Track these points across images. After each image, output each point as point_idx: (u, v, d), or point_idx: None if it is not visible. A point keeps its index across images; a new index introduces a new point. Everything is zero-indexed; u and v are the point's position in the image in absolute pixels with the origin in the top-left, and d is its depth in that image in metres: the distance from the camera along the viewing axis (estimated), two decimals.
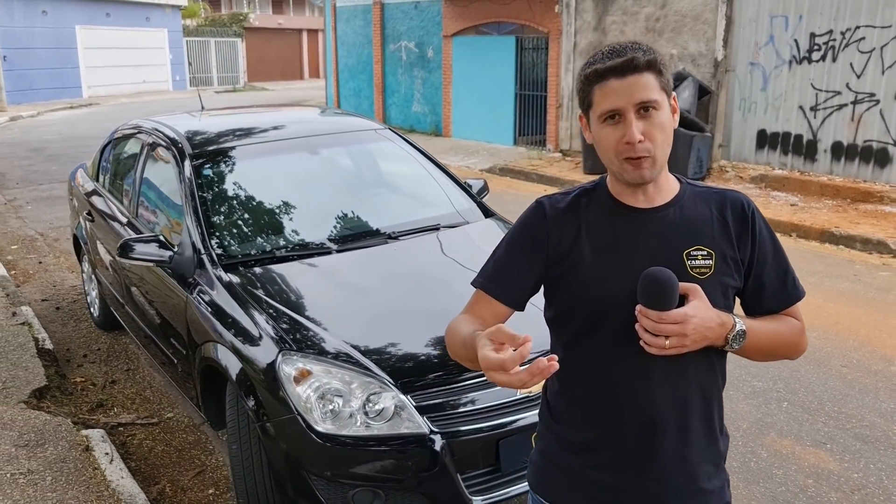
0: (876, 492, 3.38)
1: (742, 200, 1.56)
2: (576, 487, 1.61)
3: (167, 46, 30.66)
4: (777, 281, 1.56)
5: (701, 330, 1.41)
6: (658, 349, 1.41)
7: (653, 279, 1.40)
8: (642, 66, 1.44)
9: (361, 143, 4.58)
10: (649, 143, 1.45)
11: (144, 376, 4.66)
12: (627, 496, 1.57)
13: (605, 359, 1.53)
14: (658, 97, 1.45)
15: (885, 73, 8.69)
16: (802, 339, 1.61)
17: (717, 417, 1.58)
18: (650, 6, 11.12)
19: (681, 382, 1.51)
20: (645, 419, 1.52)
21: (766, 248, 1.55)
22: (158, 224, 4.19)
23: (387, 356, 2.86)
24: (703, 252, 1.50)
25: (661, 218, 1.53)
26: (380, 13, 16.71)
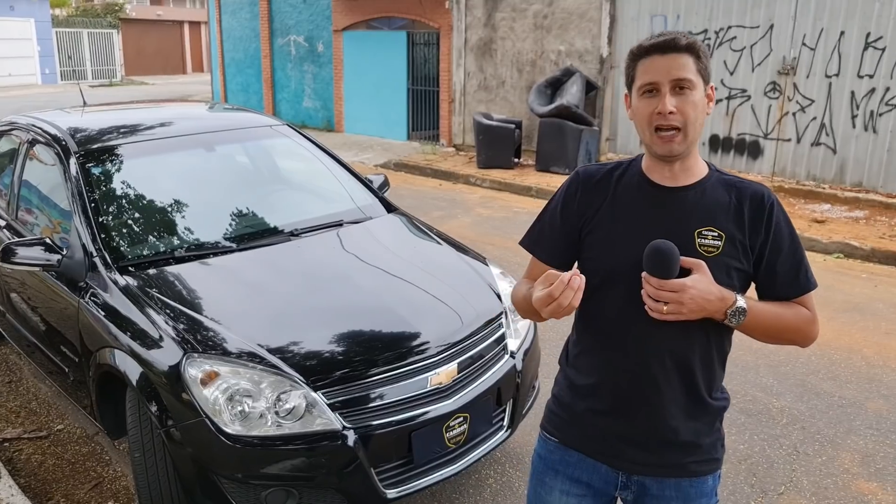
0: (760, 461, 3.63)
1: (763, 192, 1.68)
2: (576, 426, 1.83)
3: (35, 37, 28.84)
4: (790, 271, 1.68)
5: (699, 301, 1.56)
6: (657, 313, 1.57)
7: (655, 250, 1.55)
8: (682, 47, 1.60)
9: (258, 139, 4.49)
10: (681, 116, 1.60)
11: (29, 388, 4.39)
12: (617, 439, 1.76)
13: (613, 315, 1.71)
14: (693, 78, 1.60)
15: (755, 71, 9.29)
16: (811, 328, 1.73)
17: (707, 382, 1.72)
18: (538, 3, 11.40)
19: (676, 346, 1.67)
20: (640, 374, 1.70)
21: (783, 240, 1.67)
22: (40, 226, 3.96)
23: (295, 354, 2.83)
24: (714, 233, 1.64)
25: (681, 197, 1.68)
26: (267, 6, 16.33)
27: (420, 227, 4.08)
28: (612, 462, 1.78)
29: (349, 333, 3.01)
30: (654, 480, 1.77)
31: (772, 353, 4.80)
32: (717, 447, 1.79)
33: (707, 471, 1.78)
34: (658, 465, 1.75)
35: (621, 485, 1.79)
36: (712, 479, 1.81)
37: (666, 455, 1.74)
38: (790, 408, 4.13)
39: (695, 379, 1.70)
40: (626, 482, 1.79)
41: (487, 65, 12.33)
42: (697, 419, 1.73)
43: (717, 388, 1.77)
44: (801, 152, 9.13)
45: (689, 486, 1.77)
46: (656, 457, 1.75)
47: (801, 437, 3.84)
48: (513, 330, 3.33)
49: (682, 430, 1.72)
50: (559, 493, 1.84)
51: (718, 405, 1.77)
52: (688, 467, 1.76)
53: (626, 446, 1.75)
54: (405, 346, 2.93)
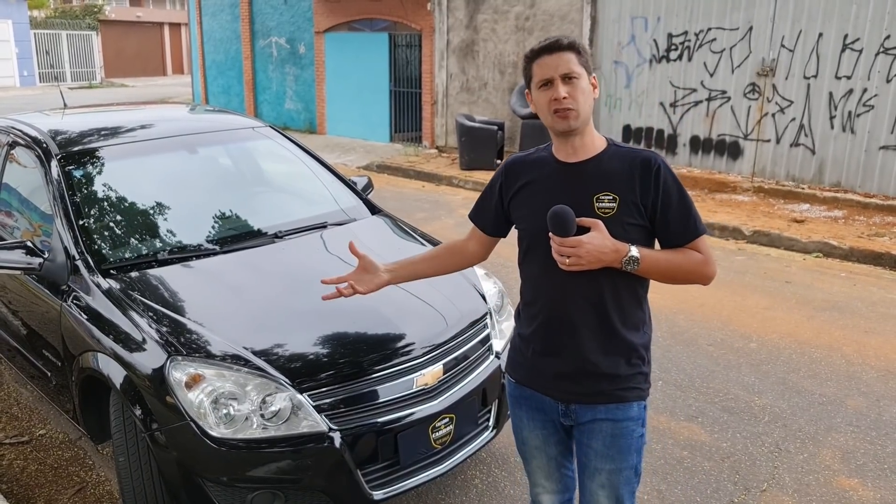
0: (743, 458, 3.66)
1: (650, 157, 1.98)
2: (524, 366, 2.20)
3: (12, 39, 28.51)
4: (680, 221, 1.99)
5: (594, 253, 1.89)
6: (563, 265, 1.91)
7: (553, 213, 1.89)
8: (565, 46, 1.96)
9: (240, 141, 4.47)
10: (572, 100, 1.94)
11: (10, 392, 4.35)
12: (552, 375, 2.11)
13: (538, 271, 2.07)
14: (578, 70, 1.95)
15: (734, 72, 9.38)
16: (706, 268, 2.02)
17: (620, 320, 2.03)
18: (520, 5, 11.44)
19: (588, 292, 2.00)
20: (561, 318, 2.05)
21: (671, 196, 1.97)
22: (20, 229, 3.92)
23: (280, 356, 2.82)
24: (609, 197, 1.96)
25: (581, 169, 2.01)
26: (248, 8, 16.27)
27: (404, 228, 4.09)
28: (551, 394, 2.13)
29: (334, 335, 3.01)
30: (586, 407, 2.08)
31: (753, 351, 4.85)
32: (637, 379, 2.08)
33: (630, 398, 2.07)
34: (585, 394, 2.07)
35: (562, 412, 2.13)
36: (637, 407, 2.09)
37: (591, 385, 2.05)
38: (771, 406, 4.18)
39: (608, 319, 2.01)
40: (566, 410, 2.12)
41: (470, 66, 12.35)
42: (614, 354, 2.04)
43: (634, 327, 2.06)
44: (780, 153, 9.22)
45: (616, 409, 2.07)
46: (583, 387, 2.06)
47: (782, 435, 3.88)
48: (497, 331, 3.34)
49: (601, 364, 2.03)
50: (527, 420, 2.23)
51: (637, 341, 2.06)
52: (611, 394, 2.06)
53: (559, 380, 2.09)
54: (390, 348, 2.94)
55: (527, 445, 2.26)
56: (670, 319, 5.36)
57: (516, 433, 2.30)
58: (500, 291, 3.57)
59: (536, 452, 2.25)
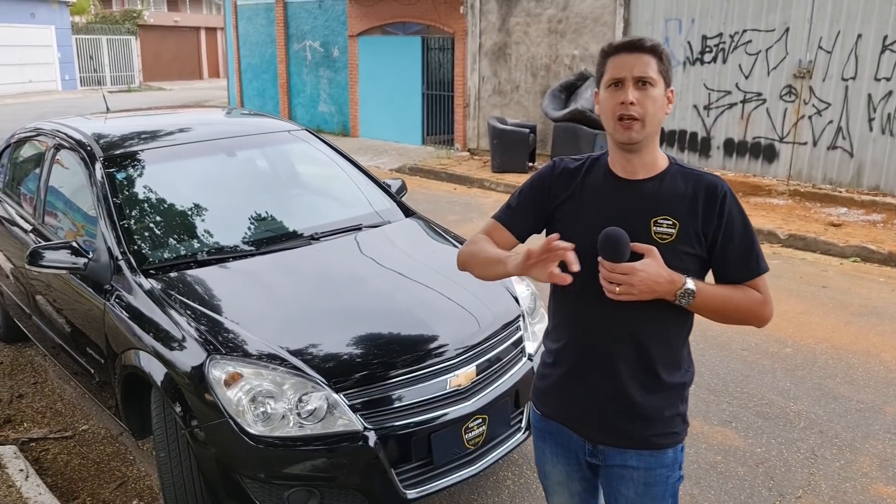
0: (777, 464, 3.64)
1: (717, 183, 1.81)
2: (551, 397, 2.00)
3: (55, 44, 29.17)
4: (741, 256, 1.81)
5: (648, 283, 1.69)
6: (612, 294, 1.71)
7: (606, 236, 1.69)
8: (647, 48, 1.78)
9: (277, 144, 4.54)
10: (641, 108, 1.75)
11: (54, 388, 4.47)
12: (582, 410, 1.92)
13: (577, 295, 1.83)
14: (655, 76, 1.76)
15: (770, 74, 9.26)
16: (763, 309, 1.84)
17: (664, 359, 1.85)
18: (552, 8, 11.43)
19: (634, 324, 1.81)
20: (600, 350, 1.85)
21: (734, 228, 1.80)
22: (65, 229, 4.03)
23: (316, 356, 2.87)
24: (669, 221, 1.78)
25: (640, 188, 1.83)
26: (283, 12, 16.46)
27: (437, 230, 4.13)
28: (579, 431, 1.95)
29: (368, 336, 3.06)
30: (616, 450, 1.90)
31: (788, 356, 4.80)
32: (676, 422, 1.89)
33: (666, 444, 1.89)
34: (618, 436, 1.89)
35: (589, 452, 1.95)
36: (673, 452, 1.91)
37: (625, 427, 1.87)
38: (807, 412, 4.13)
39: (651, 355, 1.83)
40: (593, 450, 1.94)
41: (502, 69, 12.37)
42: (655, 394, 1.85)
43: (677, 366, 1.88)
44: (817, 156, 9.09)
45: (650, 457, 1.88)
46: (615, 428, 1.88)
47: (818, 441, 3.84)
48: (530, 333, 3.36)
49: (639, 404, 1.84)
50: (550, 454, 2.06)
51: (677, 381, 1.88)
52: (647, 440, 1.87)
53: (589, 418, 1.91)
54: (424, 349, 2.97)
55: (549, 479, 2.12)
56: (703, 323, 5.26)
57: (539, 465, 2.15)
58: (533, 294, 3.59)
59: (559, 488, 2.09)
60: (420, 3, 13.34)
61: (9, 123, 11.09)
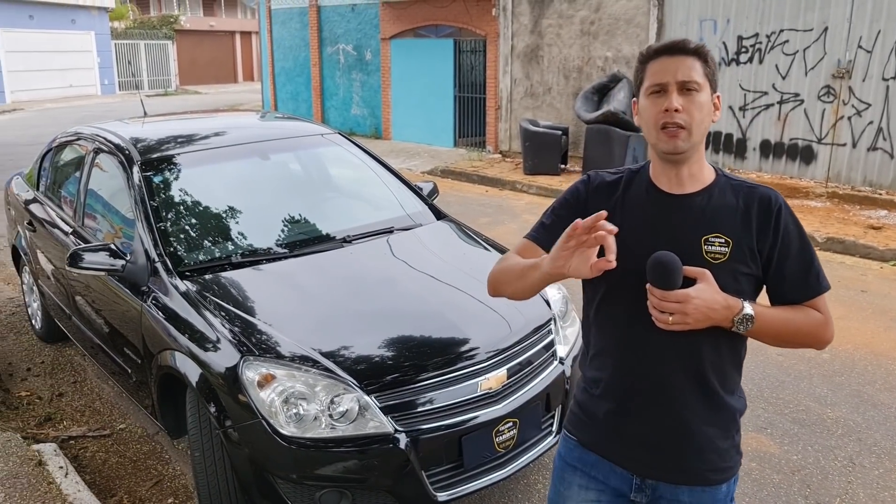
0: (814, 472, 3.57)
1: (771, 196, 1.67)
2: (593, 427, 1.83)
3: (94, 49, 29.76)
4: (799, 274, 1.67)
5: (703, 310, 1.55)
6: (664, 324, 1.57)
7: (657, 262, 1.54)
8: (690, 50, 1.63)
9: (310, 147, 4.58)
10: (686, 115, 1.61)
11: (92, 387, 4.57)
12: (631, 442, 1.76)
13: (621, 321, 1.72)
14: (700, 80, 1.62)
15: (808, 75, 9.11)
16: (825, 331, 1.70)
17: (720, 387, 1.70)
18: (585, 10, 11.38)
19: (687, 353, 1.66)
20: (651, 379, 1.70)
21: (791, 243, 1.65)
22: (103, 232, 4.12)
23: (348, 358, 2.89)
24: (721, 239, 1.63)
25: (687, 204, 1.67)
26: (316, 16, 16.61)
27: (469, 233, 4.13)
28: (626, 465, 1.78)
29: (400, 338, 3.07)
30: (667, 486, 1.75)
31: (825, 362, 4.71)
32: (731, 454, 1.76)
33: (721, 479, 1.75)
34: (671, 471, 1.74)
35: (636, 487, 1.78)
36: (727, 487, 1.77)
37: (679, 461, 1.73)
38: (845, 419, 4.06)
39: (707, 385, 1.69)
40: (641, 485, 1.78)
41: (534, 71, 12.33)
42: (711, 425, 1.71)
43: (732, 393, 1.75)
44: (856, 157, 8.92)
45: (703, 493, 1.75)
46: (670, 462, 1.73)
47: (856, 449, 3.76)
48: (562, 336, 3.35)
49: (695, 436, 1.71)
50: (577, 488, 1.86)
51: (732, 411, 1.75)
52: (701, 474, 1.74)
53: (640, 450, 1.75)
54: (455, 352, 2.98)
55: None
56: None
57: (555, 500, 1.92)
58: (565, 297, 3.57)
59: None
60: (452, 6, 13.37)
61: (50, 128, 11.36)
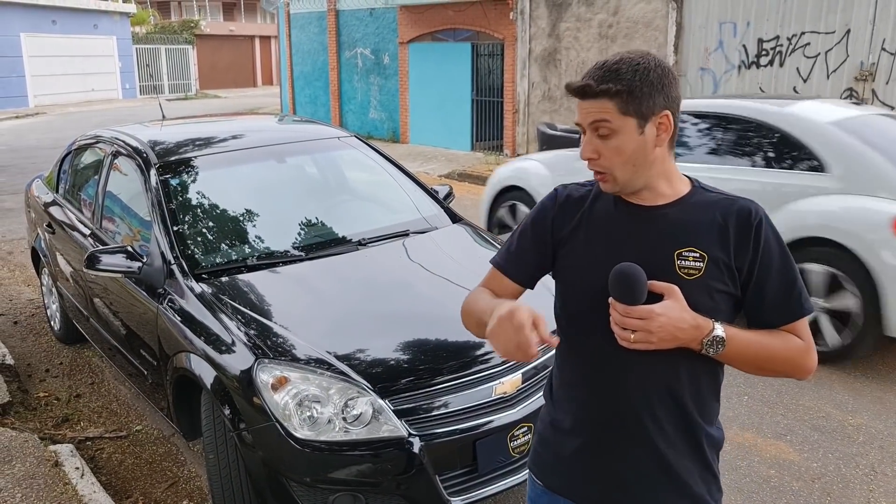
0: (835, 479, 3.51)
1: (750, 209, 1.53)
2: (560, 468, 1.67)
3: (116, 54, 30.08)
4: (780, 295, 1.52)
5: (669, 329, 1.42)
6: (626, 342, 1.44)
7: (618, 273, 1.43)
8: (596, 92, 1.46)
9: (326, 150, 4.59)
10: (604, 161, 1.50)
11: (110, 389, 4.59)
12: (603, 482, 1.60)
13: (590, 346, 1.58)
14: (613, 122, 1.46)
15: (829, 77, 9.02)
16: (805, 359, 1.55)
17: (697, 417, 1.56)
18: (603, 13, 11.33)
19: (660, 378, 1.53)
20: (622, 408, 1.55)
21: (772, 260, 1.52)
22: (121, 234, 4.14)
23: (362, 361, 2.89)
24: (696, 254, 1.50)
25: (660, 216, 1.55)
26: (335, 20, 16.69)
27: (485, 237, 4.11)
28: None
29: (414, 342, 3.06)
30: None
31: (846, 367, 4.64)
32: (712, 490, 1.62)
33: None
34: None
35: None
36: None
37: (656, 499, 1.58)
38: (867, 426, 3.99)
39: (684, 413, 1.55)
40: None
41: (552, 75, 12.30)
42: (690, 459, 1.58)
43: (711, 424, 1.60)
44: None
45: None
46: (645, 501, 1.59)
47: (878, 457, 3.70)
48: None
49: (674, 471, 1.56)
50: None
51: (713, 442, 1.61)
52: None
53: (613, 491, 1.60)
54: (469, 356, 2.96)
55: None
56: None
57: None
58: None
59: None
60: (470, 10, 13.37)
61: (71, 131, 11.49)
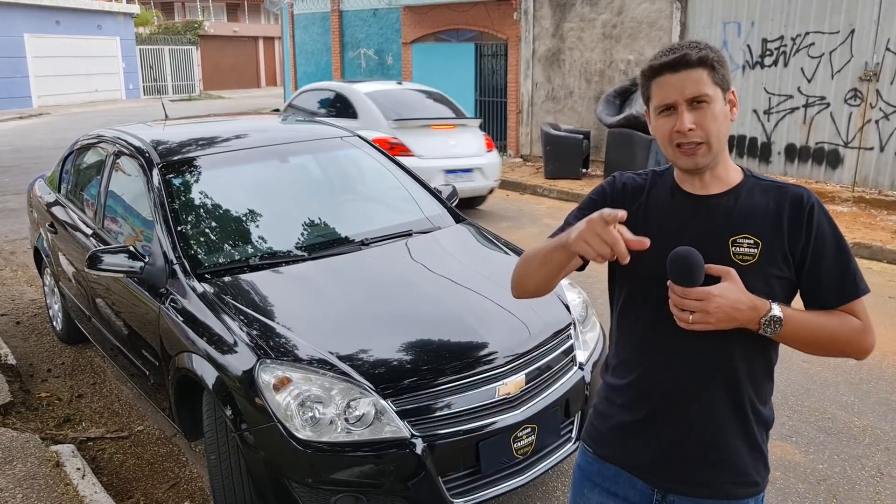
0: (840, 482, 3.49)
1: (803, 194, 1.59)
2: (613, 438, 1.76)
3: (120, 55, 30.13)
4: (835, 276, 1.58)
5: (726, 310, 1.48)
6: (684, 323, 1.51)
7: (677, 256, 1.49)
8: (694, 62, 1.55)
9: (329, 150, 4.58)
10: (701, 131, 1.56)
11: (111, 389, 4.58)
12: (653, 454, 1.68)
13: (647, 326, 1.66)
14: (710, 91, 1.55)
15: (834, 78, 8.98)
16: (864, 338, 1.60)
17: (750, 395, 1.63)
18: (607, 13, 11.31)
19: (716, 357, 1.60)
20: (677, 386, 1.63)
21: (825, 244, 1.57)
22: (123, 234, 4.13)
23: (364, 362, 2.87)
24: (750, 241, 1.57)
25: (714, 205, 1.62)
26: (338, 21, 16.68)
27: (488, 237, 4.09)
28: (647, 479, 1.70)
29: (417, 342, 3.04)
30: (690, 500, 1.67)
31: (852, 369, 4.62)
32: (759, 468, 1.67)
33: (746, 494, 1.67)
34: (695, 485, 1.66)
35: (657, 502, 1.71)
36: (753, 502, 1.69)
37: (703, 474, 1.65)
38: (873, 427, 3.96)
39: (737, 392, 1.62)
40: (661, 499, 1.70)
41: (555, 75, 12.28)
42: (739, 437, 1.64)
43: (764, 404, 1.67)
44: (884, 161, 8.76)
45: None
46: (693, 475, 1.65)
47: (885, 459, 3.67)
48: (581, 342, 3.30)
49: (722, 448, 1.63)
50: None
51: (763, 422, 1.67)
52: (726, 489, 1.65)
53: (663, 463, 1.67)
54: (473, 356, 2.94)
55: None
56: None
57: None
58: (585, 302, 3.52)
59: None
60: (473, 10, 13.36)
61: (74, 131, 11.49)
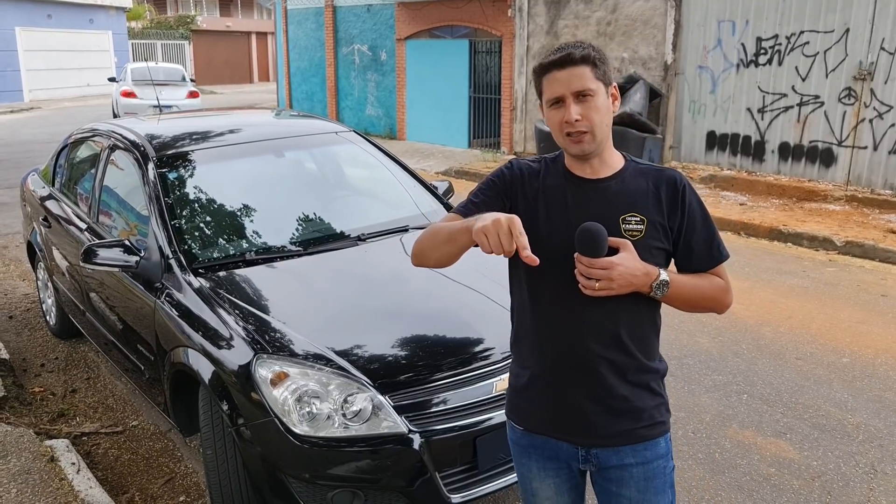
0: (835, 478, 3.50)
1: (675, 177, 1.85)
2: (531, 409, 1.95)
3: (112, 49, 29.98)
4: (704, 246, 1.86)
5: (626, 276, 1.71)
6: (590, 290, 1.72)
7: (585, 231, 1.70)
8: (578, 59, 1.76)
9: (324, 145, 4.56)
10: (586, 122, 1.76)
11: (106, 384, 4.56)
12: (568, 416, 1.88)
13: (551, 297, 1.85)
14: (593, 86, 1.76)
15: (828, 77, 9.01)
16: (726, 296, 1.91)
17: (642, 351, 1.86)
18: (601, 10, 11.31)
19: (610, 321, 1.81)
20: (580, 351, 1.83)
21: (696, 219, 1.84)
22: (118, 228, 4.11)
23: (361, 357, 2.86)
24: (637, 218, 1.80)
25: (604, 188, 1.84)
26: (332, 16, 16.63)
27: None
28: (568, 439, 1.90)
29: (414, 338, 3.04)
30: (611, 451, 1.88)
31: (845, 367, 4.64)
32: (661, 411, 1.90)
33: (656, 434, 1.89)
34: (609, 437, 1.86)
35: (582, 458, 1.91)
36: (664, 442, 1.91)
37: (615, 425, 1.85)
38: (866, 424, 3.98)
39: (630, 350, 1.83)
40: (587, 455, 1.90)
41: None
42: (639, 387, 1.86)
43: (652, 356, 1.89)
44: (877, 160, 8.80)
45: (644, 450, 1.88)
46: (607, 429, 1.86)
47: (878, 456, 3.69)
48: None
49: (624, 399, 1.84)
50: (537, 471, 1.99)
51: (656, 371, 1.89)
52: (637, 433, 1.87)
53: (579, 422, 1.87)
54: (470, 352, 2.94)
55: (536, 497, 2.02)
56: (755, 331, 5.18)
57: (523, 485, 2.05)
58: None
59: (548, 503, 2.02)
60: (467, 7, 13.34)
61: (66, 125, 11.42)
